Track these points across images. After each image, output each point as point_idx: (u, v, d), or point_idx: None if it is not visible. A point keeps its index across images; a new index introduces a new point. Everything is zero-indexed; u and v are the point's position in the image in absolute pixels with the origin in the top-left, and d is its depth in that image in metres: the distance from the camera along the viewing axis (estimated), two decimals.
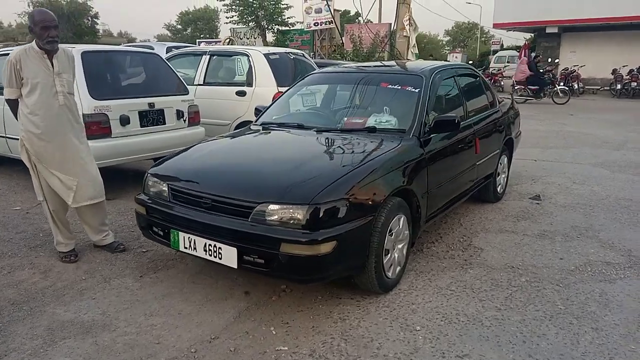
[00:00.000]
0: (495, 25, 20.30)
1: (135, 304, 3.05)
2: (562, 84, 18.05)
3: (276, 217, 2.68)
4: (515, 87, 16.20)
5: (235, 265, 2.81)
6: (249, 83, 6.32)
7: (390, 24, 13.15)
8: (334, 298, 3.12)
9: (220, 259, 2.84)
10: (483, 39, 55.64)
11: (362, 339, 2.68)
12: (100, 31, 56.48)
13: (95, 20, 40.40)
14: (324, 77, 4.48)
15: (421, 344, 2.63)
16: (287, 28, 15.88)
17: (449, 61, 26.12)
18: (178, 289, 3.24)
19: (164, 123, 5.21)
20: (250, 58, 6.34)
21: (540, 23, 19.50)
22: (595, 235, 4.23)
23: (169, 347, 2.60)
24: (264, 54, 6.33)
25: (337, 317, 2.90)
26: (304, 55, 7.19)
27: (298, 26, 15.71)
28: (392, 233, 3.09)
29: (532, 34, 22.68)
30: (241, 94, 6.28)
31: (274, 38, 16.35)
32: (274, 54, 6.47)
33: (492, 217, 4.71)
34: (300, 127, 3.78)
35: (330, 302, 3.07)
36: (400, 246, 3.25)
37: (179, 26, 52.02)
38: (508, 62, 24.98)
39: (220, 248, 2.82)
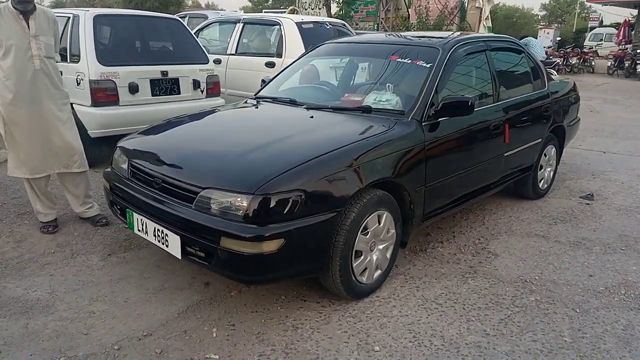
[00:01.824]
0: (589, 0, 18.24)
1: (86, 285, 2.86)
2: None
3: (218, 206, 2.33)
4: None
5: (179, 256, 2.50)
6: (279, 54, 5.95)
7: None
8: (299, 300, 2.74)
9: (167, 246, 2.55)
10: (583, 14, 50.99)
11: (307, 355, 2.29)
12: (190, 2, 58.33)
13: None
14: (336, 48, 3.99)
15: None
16: None
17: (539, 37, 24.10)
18: (139, 273, 3.01)
19: (179, 93, 4.98)
20: (281, 27, 5.95)
21: None
22: None
23: (93, 341, 2.37)
24: (296, 23, 5.91)
25: (291, 324, 2.52)
26: (344, 26, 6.67)
27: None
28: (368, 232, 2.64)
29: (636, 9, 20.22)
30: (270, 65, 5.93)
31: (337, 9, 15.76)
32: (308, 22, 6.03)
33: (525, 217, 4.06)
34: (292, 102, 3.37)
35: (292, 304, 2.70)
36: (381, 247, 2.79)
37: None
38: (601, 40, 22.52)
39: (166, 235, 2.53)
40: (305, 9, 16.36)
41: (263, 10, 20.28)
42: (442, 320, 2.58)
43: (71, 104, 4.61)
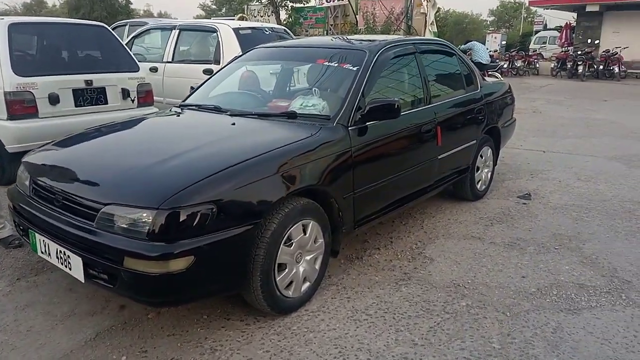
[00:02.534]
0: (532, 3, 18.87)
1: None
2: (601, 67, 16.69)
3: (122, 223, 2.14)
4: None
5: (82, 279, 2.30)
6: (217, 60, 5.78)
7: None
8: (221, 318, 2.58)
9: (70, 269, 2.34)
10: (529, 19, 52.87)
11: None
12: (141, 11, 57.07)
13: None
14: (265, 53, 3.86)
15: None
16: (301, 5, 15.18)
17: (487, 42, 24.74)
18: (48, 298, 2.77)
19: (105, 103, 4.73)
20: (218, 33, 5.78)
21: (579, 1, 17.97)
22: (579, 246, 3.50)
23: None
24: (233, 29, 5.76)
25: (210, 346, 2.35)
26: (285, 32, 6.56)
27: (312, 3, 14.99)
28: (292, 243, 2.51)
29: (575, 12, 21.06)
30: (208, 72, 5.72)
31: (287, 16, 15.68)
32: (246, 29, 5.89)
33: (463, 219, 4.03)
34: (217, 109, 3.21)
35: (214, 323, 2.53)
36: (309, 258, 2.66)
37: (214, 6, 51.63)
38: (544, 43, 23.34)
39: (69, 256, 2.32)
40: (255, 17, 16.22)
41: (212, 18, 19.89)
42: (370, 332, 2.46)
43: None
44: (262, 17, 16.00)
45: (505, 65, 17.59)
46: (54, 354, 2.29)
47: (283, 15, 15.68)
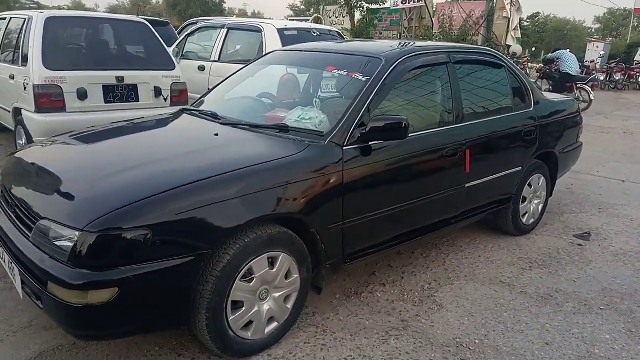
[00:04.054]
0: (637, 11, 17.02)
1: None
2: None
3: (50, 242, 1.92)
4: None
5: (21, 294, 2.12)
6: None
7: (488, 2, 11.34)
8: (173, 353, 2.30)
9: (15, 281, 2.18)
10: None
11: None
12: (237, 10, 59.34)
13: None
14: (282, 57, 3.54)
15: None
16: (377, 6, 14.67)
17: (587, 51, 22.71)
18: (15, 304, 2.64)
19: (137, 100, 4.66)
20: (262, 33, 5.56)
21: None
22: (632, 310, 2.85)
23: None
24: (278, 29, 5.51)
25: None
26: (337, 34, 6.21)
27: (388, 4, 14.45)
28: (253, 278, 2.17)
29: None
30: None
31: (361, 17, 15.23)
32: (292, 29, 5.62)
33: (497, 258, 3.47)
34: (213, 116, 2.94)
35: (162, 358, 2.26)
36: (278, 295, 2.31)
37: (303, 6, 52.29)
38: None
39: (13, 268, 2.15)
40: (330, 17, 15.99)
41: (288, 18, 20.00)
42: None
43: (19, 109, 4.42)
44: (337, 18, 15.76)
45: (602, 78, 15.98)
46: None
47: (358, 16, 15.31)
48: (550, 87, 11.64)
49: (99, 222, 1.84)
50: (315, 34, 5.79)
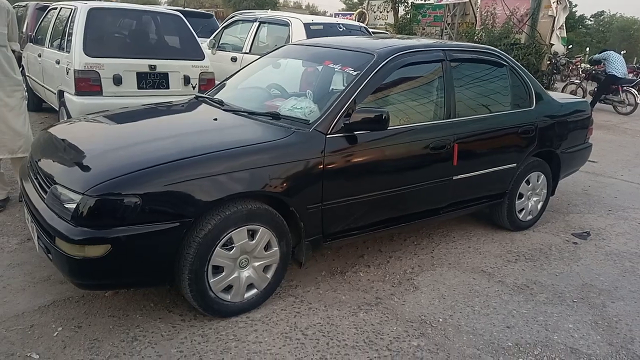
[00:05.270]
0: None
1: None
2: None
3: (59, 203, 2.28)
4: None
5: (37, 249, 2.49)
6: None
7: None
8: (164, 310, 2.62)
9: (34, 237, 2.56)
10: None
11: None
12: (291, 3, 59.94)
13: None
14: (291, 51, 3.80)
15: None
16: (421, 2, 14.59)
17: None
18: (38, 261, 3.01)
19: (167, 87, 5.05)
20: (290, 27, 5.83)
21: None
22: (604, 304, 2.95)
23: None
24: (304, 24, 5.76)
25: (134, 334, 2.40)
26: (363, 29, 6.39)
27: (432, 0, 14.34)
28: (233, 247, 2.46)
29: None
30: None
31: (404, 12, 15.20)
32: (318, 24, 5.85)
33: (486, 250, 3.61)
34: (219, 103, 3.24)
35: (155, 313, 2.58)
36: (257, 265, 2.59)
37: (356, 0, 52.24)
38: None
39: (33, 227, 2.53)
40: (374, 12, 16.05)
41: (334, 14, 20.12)
42: (293, 353, 2.33)
43: (63, 91, 4.88)
44: (380, 12, 15.80)
45: None
46: (8, 313, 2.52)
47: (402, 11, 15.29)
48: (596, 88, 11.33)
49: (98, 187, 2.17)
50: (341, 29, 6.00)
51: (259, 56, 6.12)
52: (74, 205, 2.18)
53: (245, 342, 2.39)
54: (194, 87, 5.21)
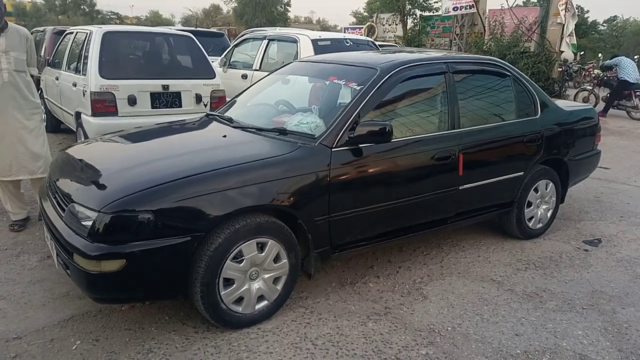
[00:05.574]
0: None
1: (6, 283, 3.05)
2: None
3: (77, 221, 2.38)
4: None
5: (56, 265, 2.60)
6: None
7: (542, 8, 11.05)
8: (178, 322, 2.70)
9: (53, 255, 2.66)
10: None
11: None
12: (302, 18, 60.75)
13: (288, 7, 43.91)
14: (297, 68, 3.90)
15: None
16: (430, 14, 14.69)
17: None
18: (57, 277, 3.12)
19: (180, 106, 5.18)
20: (298, 44, 5.95)
21: None
22: (615, 310, 2.95)
23: None
24: (312, 40, 5.88)
25: (149, 346, 2.48)
26: (371, 43, 6.49)
27: (441, 12, 14.42)
28: (243, 260, 2.53)
29: None
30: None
31: (413, 24, 15.32)
32: (326, 40, 5.97)
33: (495, 259, 3.63)
34: (229, 120, 3.34)
35: (169, 326, 2.66)
36: (267, 277, 2.66)
37: (366, 13, 52.71)
38: None
39: (52, 245, 2.64)
40: (383, 25, 16.20)
41: (343, 28, 20.36)
42: None
43: (80, 112, 5.04)
44: (389, 25, 15.94)
45: None
46: (29, 327, 2.62)
47: (410, 23, 15.41)
48: (608, 95, 11.26)
49: (112, 205, 2.26)
50: (348, 44, 6.11)
51: (268, 73, 6.30)
52: (90, 223, 2.28)
53: (257, 353, 2.45)
54: (205, 105, 5.34)
